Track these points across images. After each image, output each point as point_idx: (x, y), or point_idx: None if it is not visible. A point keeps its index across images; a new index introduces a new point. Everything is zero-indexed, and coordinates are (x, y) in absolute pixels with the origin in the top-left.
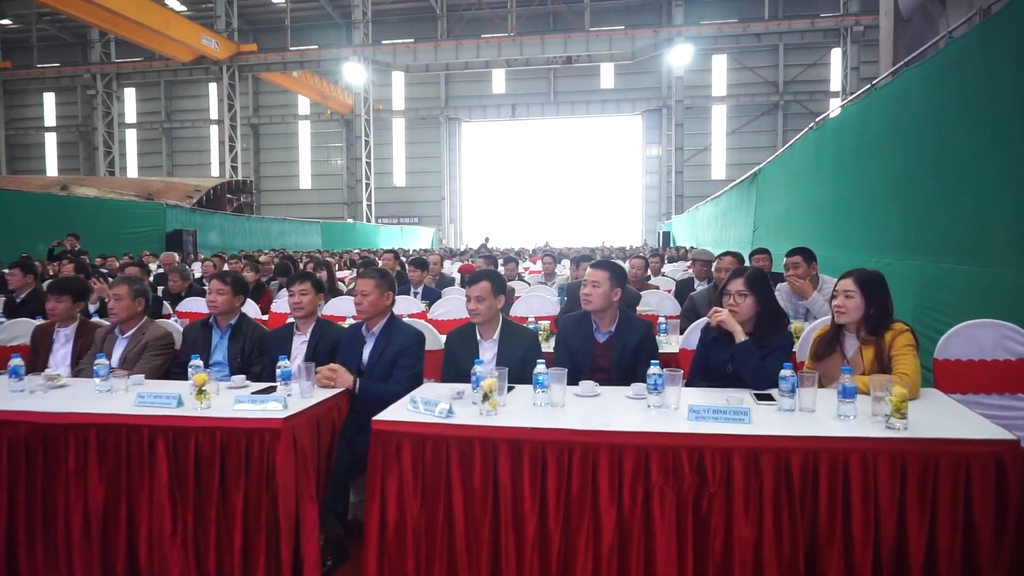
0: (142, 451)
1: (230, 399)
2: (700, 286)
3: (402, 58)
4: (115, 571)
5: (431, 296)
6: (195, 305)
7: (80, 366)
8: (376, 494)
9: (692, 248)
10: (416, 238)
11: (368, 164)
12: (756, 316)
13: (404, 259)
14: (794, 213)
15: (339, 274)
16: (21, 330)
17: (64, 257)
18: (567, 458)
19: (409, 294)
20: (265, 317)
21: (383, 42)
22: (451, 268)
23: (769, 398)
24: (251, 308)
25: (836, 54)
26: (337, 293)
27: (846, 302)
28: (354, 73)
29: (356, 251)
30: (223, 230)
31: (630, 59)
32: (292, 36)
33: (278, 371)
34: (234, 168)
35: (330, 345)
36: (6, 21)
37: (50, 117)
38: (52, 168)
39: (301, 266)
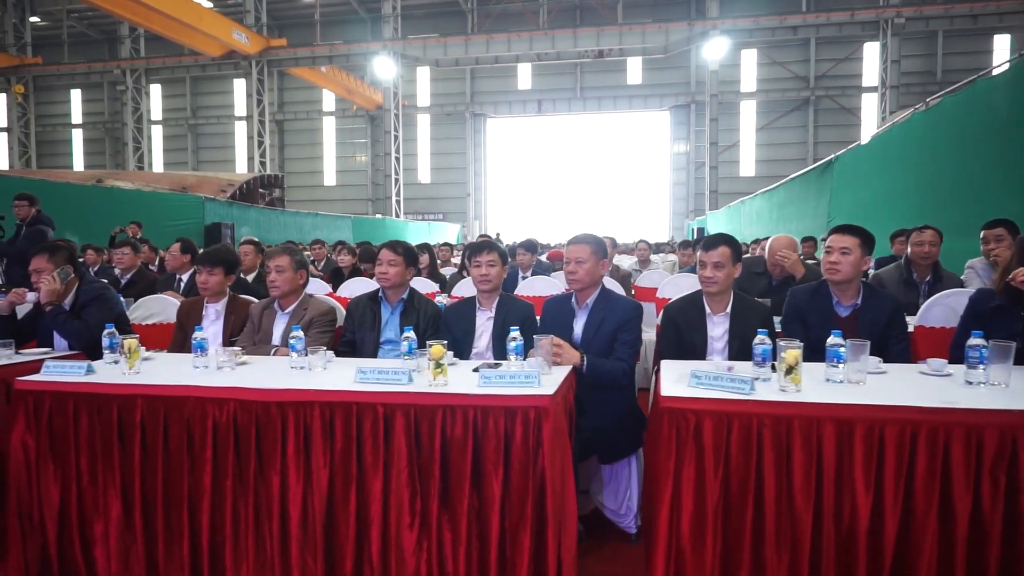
0: (377, 432)
1: (457, 376)
2: None
3: (432, 52)
4: (343, 570)
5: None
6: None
7: (238, 344)
8: (667, 483)
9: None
10: (443, 234)
11: (397, 159)
12: None
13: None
14: (896, 198)
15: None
16: (157, 307)
17: (127, 244)
18: (909, 440)
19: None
20: None
21: (411, 37)
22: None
23: None
24: (318, 286)
25: (870, 48)
26: (440, 278)
27: None
28: (384, 68)
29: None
30: (258, 224)
31: (663, 53)
32: (318, 32)
33: (511, 344)
34: (262, 163)
35: (518, 322)
36: (35, 19)
37: (77, 114)
38: (79, 165)
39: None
